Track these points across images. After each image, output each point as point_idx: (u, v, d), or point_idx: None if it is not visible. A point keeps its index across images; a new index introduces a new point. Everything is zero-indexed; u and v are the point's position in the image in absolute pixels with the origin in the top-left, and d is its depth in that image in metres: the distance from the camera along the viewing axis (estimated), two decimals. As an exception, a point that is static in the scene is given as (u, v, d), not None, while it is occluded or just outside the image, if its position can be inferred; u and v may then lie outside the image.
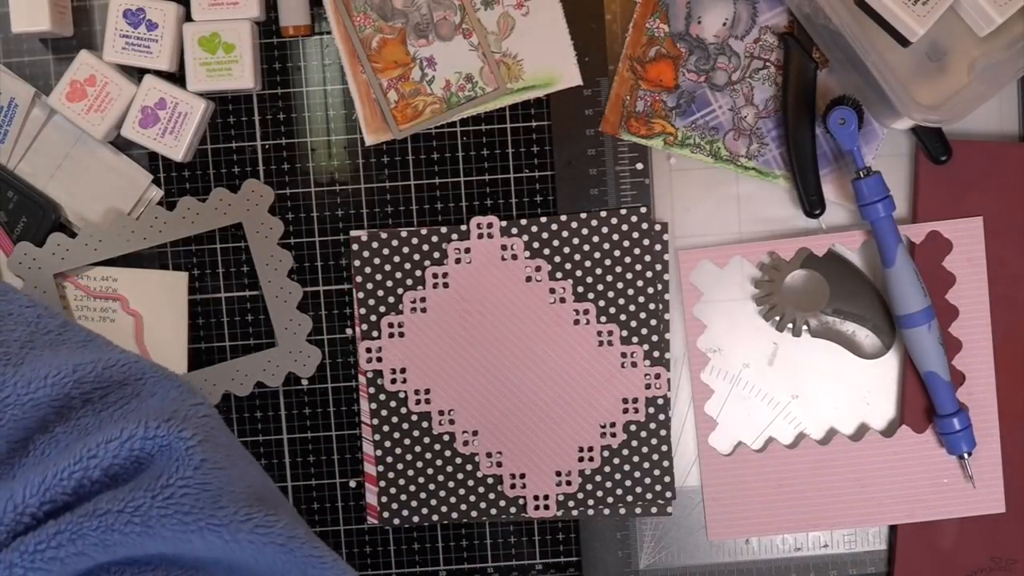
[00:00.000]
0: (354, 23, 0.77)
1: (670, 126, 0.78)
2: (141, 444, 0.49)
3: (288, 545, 0.50)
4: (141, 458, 0.49)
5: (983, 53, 0.70)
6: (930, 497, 0.78)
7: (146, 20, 0.74)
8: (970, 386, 0.78)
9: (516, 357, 0.78)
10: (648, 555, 0.80)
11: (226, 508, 0.49)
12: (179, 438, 0.49)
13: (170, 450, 0.49)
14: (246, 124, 0.78)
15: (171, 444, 0.49)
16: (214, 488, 0.50)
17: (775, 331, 0.78)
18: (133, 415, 0.51)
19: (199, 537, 0.49)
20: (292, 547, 0.50)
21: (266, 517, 0.50)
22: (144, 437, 0.49)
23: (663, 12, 0.77)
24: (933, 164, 0.76)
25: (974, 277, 0.77)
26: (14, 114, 0.76)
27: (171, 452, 0.49)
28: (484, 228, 0.78)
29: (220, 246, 0.78)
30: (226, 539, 0.49)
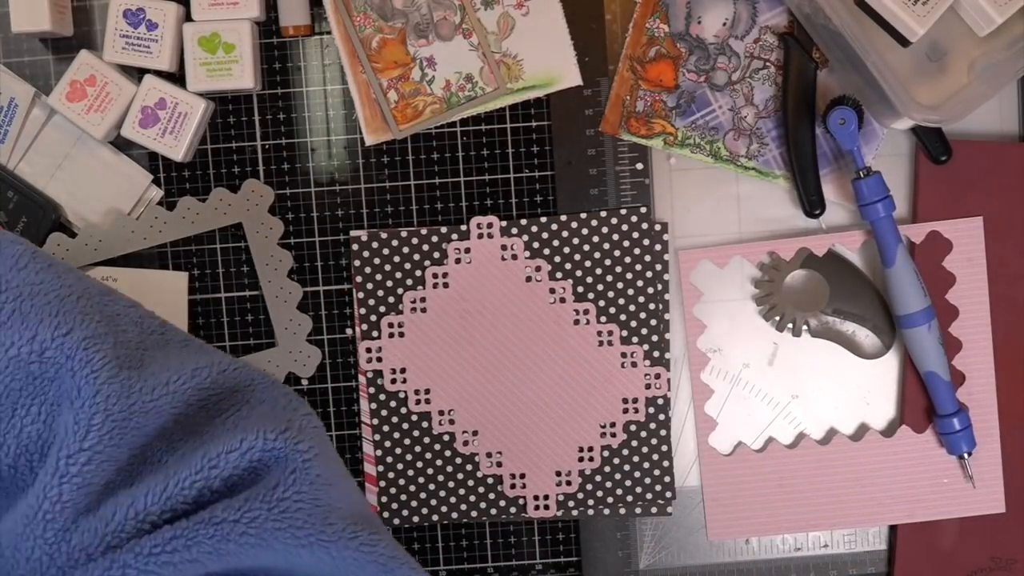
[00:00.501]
0: (354, 23, 0.77)
1: (670, 126, 0.78)
2: (260, 455, 0.49)
3: (389, 565, 0.51)
4: (258, 468, 0.50)
5: (983, 53, 0.70)
6: (930, 497, 0.78)
7: (146, 20, 0.74)
8: (970, 386, 0.78)
9: (516, 357, 0.78)
10: (648, 555, 0.80)
11: (335, 525, 0.50)
12: (295, 450, 0.50)
13: (286, 461, 0.50)
14: (246, 124, 0.78)
15: (287, 455, 0.50)
16: (325, 504, 0.50)
17: (775, 331, 0.78)
18: (248, 424, 0.51)
19: (308, 552, 0.49)
20: (392, 567, 0.51)
21: (370, 536, 0.51)
22: (263, 449, 0.49)
23: (663, 12, 0.77)
24: (933, 164, 0.76)
25: (974, 277, 0.77)
26: (14, 114, 0.76)
27: (286, 463, 0.50)
28: (484, 228, 0.78)
29: (220, 246, 0.78)
30: (333, 555, 0.49)
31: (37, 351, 0.49)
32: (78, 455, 0.47)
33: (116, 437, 0.48)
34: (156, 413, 0.50)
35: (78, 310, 0.50)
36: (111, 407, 0.48)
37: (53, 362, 0.49)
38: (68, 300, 0.51)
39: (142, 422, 0.49)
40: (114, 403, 0.48)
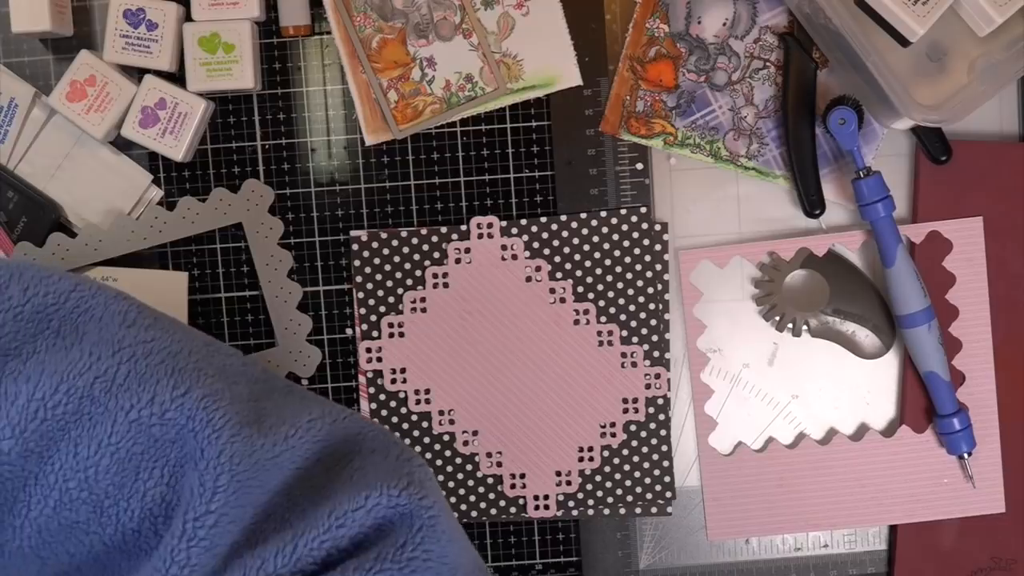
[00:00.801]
0: (354, 23, 0.77)
1: (670, 126, 0.78)
2: (384, 512, 0.49)
3: None
4: (383, 525, 0.49)
5: (983, 53, 0.70)
6: (930, 497, 0.78)
7: (146, 20, 0.74)
8: (970, 386, 0.78)
9: (516, 357, 0.78)
10: (648, 555, 0.80)
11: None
12: (420, 506, 0.49)
13: (411, 518, 0.49)
14: (246, 124, 0.78)
15: (412, 511, 0.49)
16: (451, 562, 0.49)
17: (775, 331, 0.78)
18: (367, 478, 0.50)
19: None
20: None
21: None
22: (388, 506, 0.49)
23: (663, 12, 0.77)
24: (933, 164, 0.76)
25: (974, 277, 0.77)
26: (14, 114, 0.76)
27: (412, 520, 0.49)
28: (484, 228, 0.78)
29: (220, 246, 0.78)
30: None
31: (158, 413, 0.48)
32: (205, 517, 0.47)
33: (242, 497, 0.47)
34: (278, 469, 0.49)
35: (192, 367, 0.50)
36: (235, 467, 0.47)
37: (174, 423, 0.48)
38: (181, 356, 0.50)
39: (265, 479, 0.49)
40: (238, 462, 0.47)
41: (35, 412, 0.47)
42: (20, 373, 0.48)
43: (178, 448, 0.48)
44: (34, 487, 0.48)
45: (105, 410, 0.48)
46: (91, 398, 0.48)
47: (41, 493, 0.48)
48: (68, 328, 0.50)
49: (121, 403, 0.48)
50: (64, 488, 0.48)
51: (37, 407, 0.47)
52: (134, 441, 0.48)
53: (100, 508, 0.48)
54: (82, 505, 0.48)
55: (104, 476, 0.48)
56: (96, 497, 0.48)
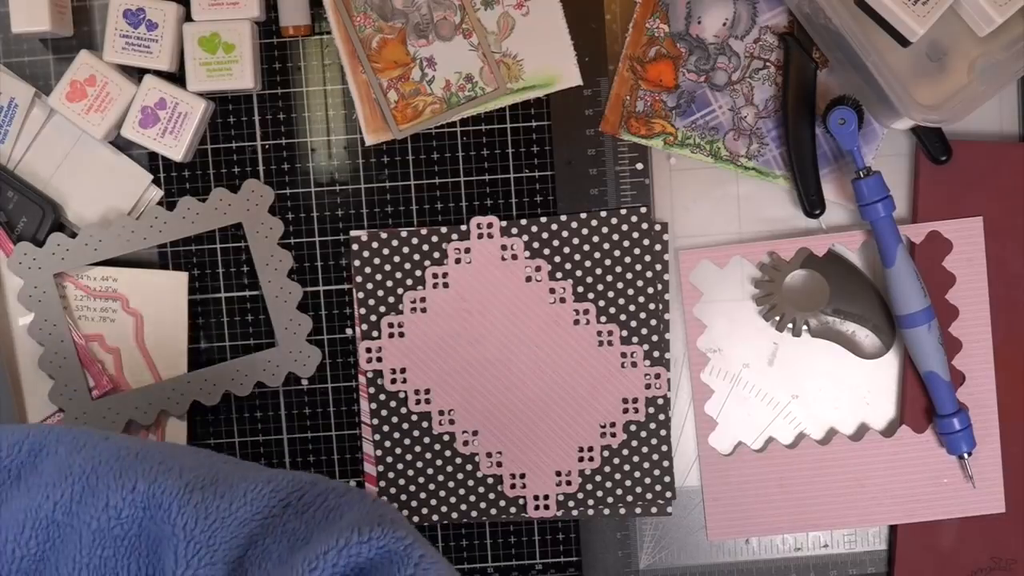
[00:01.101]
0: (354, 23, 0.77)
1: (670, 126, 0.78)
2: (358, 549, 0.50)
3: None
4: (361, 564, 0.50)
5: (983, 53, 0.70)
6: (930, 497, 0.78)
7: (146, 20, 0.74)
8: (970, 386, 0.78)
9: (516, 357, 0.78)
10: (648, 555, 0.80)
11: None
12: (395, 538, 0.50)
13: (389, 553, 0.50)
14: (246, 124, 0.78)
15: (388, 546, 0.50)
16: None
17: (775, 331, 0.78)
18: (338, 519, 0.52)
19: None
20: None
21: None
22: (360, 542, 0.50)
23: (663, 12, 0.77)
24: (933, 164, 0.76)
25: (974, 277, 0.77)
26: (14, 114, 0.76)
27: (390, 555, 0.50)
28: (484, 228, 0.78)
29: (220, 246, 0.78)
30: None
31: (115, 516, 0.52)
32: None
33: (206, 556, 0.50)
34: (240, 523, 0.52)
35: (138, 463, 0.54)
36: (191, 532, 0.51)
37: (132, 519, 0.52)
38: (127, 459, 0.54)
39: (228, 535, 0.51)
40: (192, 527, 0.51)
41: (12, 553, 0.52)
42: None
43: (145, 538, 0.52)
44: None
45: (71, 529, 0.52)
46: (56, 524, 0.53)
47: None
48: (27, 470, 0.55)
49: (83, 519, 0.52)
50: None
51: (12, 548, 0.52)
52: (102, 547, 0.52)
53: None
54: None
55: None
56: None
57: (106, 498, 0.52)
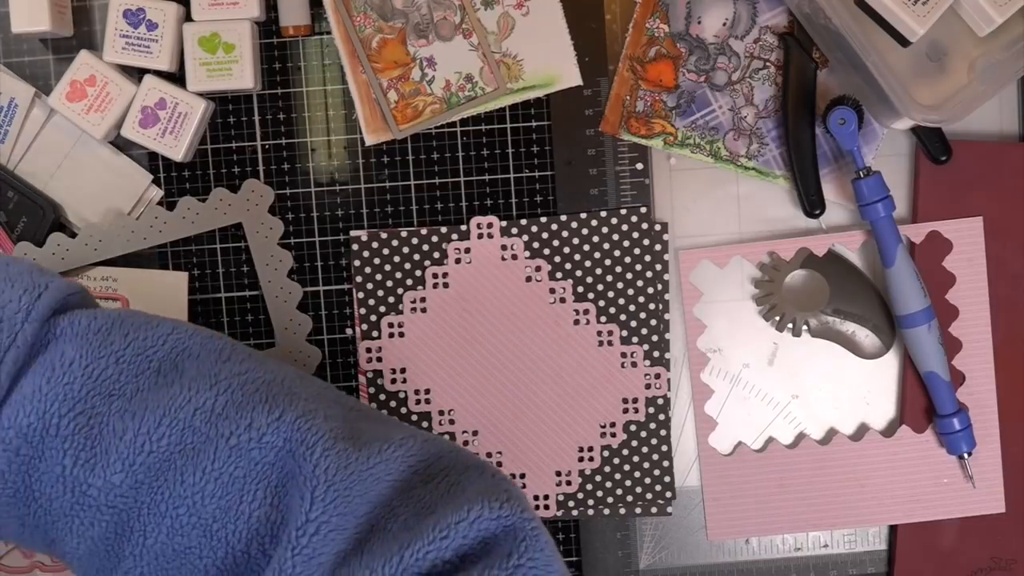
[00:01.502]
0: (354, 23, 0.77)
1: (670, 126, 0.78)
2: (487, 524, 0.50)
3: None
4: (487, 538, 0.51)
5: (983, 53, 0.70)
6: (930, 497, 0.78)
7: (146, 20, 0.74)
8: (970, 386, 0.78)
9: (516, 357, 0.78)
10: (648, 555, 0.80)
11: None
12: (522, 519, 0.51)
13: (515, 531, 0.51)
14: (246, 124, 0.78)
15: (515, 524, 0.51)
16: (557, 570, 0.51)
17: (775, 331, 0.78)
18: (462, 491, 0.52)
19: None
20: None
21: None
22: (490, 518, 0.50)
23: (663, 12, 0.77)
24: (933, 164, 0.76)
25: (974, 277, 0.77)
26: (14, 114, 0.76)
27: (515, 533, 0.51)
28: (484, 228, 0.78)
29: (220, 246, 0.78)
30: None
31: (256, 437, 0.51)
32: (306, 526, 0.49)
33: (341, 506, 0.50)
34: (374, 480, 0.52)
35: (285, 393, 0.53)
36: (331, 478, 0.50)
37: (271, 446, 0.51)
38: (275, 384, 0.54)
39: (362, 490, 0.51)
40: (333, 473, 0.50)
41: (142, 446, 0.51)
42: (126, 411, 0.51)
43: (278, 469, 0.51)
44: (148, 516, 0.51)
45: (207, 439, 0.51)
46: (193, 429, 0.51)
47: (154, 521, 0.51)
48: (168, 366, 0.54)
49: (221, 431, 0.51)
50: (175, 515, 0.51)
51: (143, 441, 0.51)
52: (235, 465, 0.51)
53: (209, 532, 0.51)
54: (192, 530, 0.51)
55: (210, 501, 0.51)
56: (204, 522, 0.51)
57: (251, 418, 0.51)
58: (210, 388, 0.52)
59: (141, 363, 0.53)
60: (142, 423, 0.51)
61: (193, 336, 0.56)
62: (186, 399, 0.52)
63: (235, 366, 0.54)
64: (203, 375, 0.53)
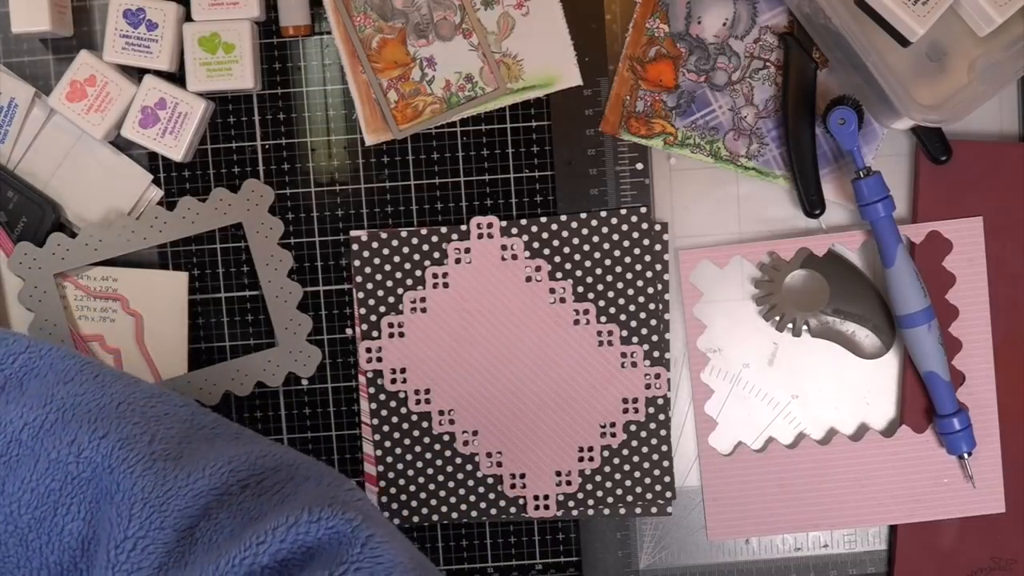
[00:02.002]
0: (354, 23, 0.77)
1: (670, 126, 0.78)
2: (307, 528, 0.51)
3: None
4: (309, 544, 0.51)
5: (983, 53, 0.70)
6: (930, 497, 0.78)
7: (146, 20, 0.74)
8: (970, 386, 0.78)
9: (516, 357, 0.78)
10: (648, 555, 0.80)
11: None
12: (343, 519, 0.51)
13: (338, 534, 0.51)
14: (246, 124, 0.78)
15: (337, 527, 0.51)
16: (386, 561, 0.51)
17: (775, 331, 0.78)
18: (294, 500, 0.53)
19: None
20: None
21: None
22: (309, 521, 0.51)
23: (663, 12, 0.77)
24: (933, 164, 0.76)
25: (974, 277, 0.77)
26: (14, 114, 0.76)
27: (339, 536, 0.51)
28: (484, 228, 0.78)
29: (220, 246, 0.78)
30: None
31: (75, 453, 0.53)
32: (124, 543, 0.51)
33: (157, 521, 0.52)
34: (194, 495, 0.53)
35: (116, 416, 0.55)
36: (148, 495, 0.52)
37: (90, 462, 0.53)
38: (108, 408, 0.56)
39: (181, 504, 0.52)
40: (151, 490, 0.52)
41: None
42: None
43: (94, 486, 0.53)
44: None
45: (30, 452, 0.54)
46: (19, 443, 0.54)
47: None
48: (12, 384, 0.57)
49: (44, 445, 0.54)
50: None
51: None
52: (52, 478, 0.53)
53: (25, 542, 0.53)
54: (9, 538, 0.53)
55: (26, 511, 0.53)
56: (21, 531, 0.53)
57: (74, 435, 0.53)
58: (43, 406, 0.55)
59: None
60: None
61: (45, 356, 0.58)
62: (18, 415, 0.54)
63: (75, 387, 0.56)
64: (41, 394, 0.55)
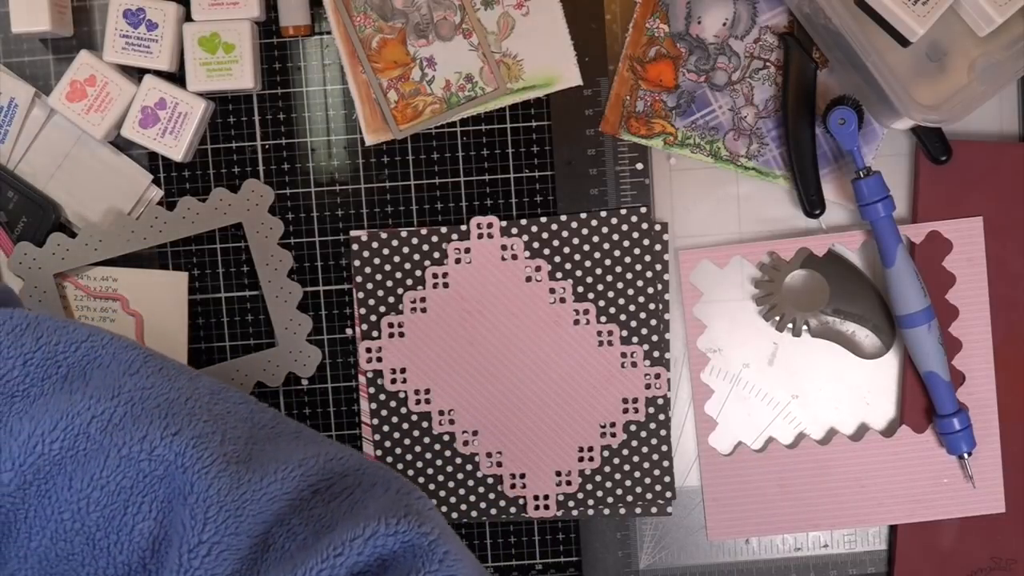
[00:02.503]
0: (354, 23, 0.77)
1: (670, 126, 0.78)
2: (383, 541, 0.50)
3: None
4: (384, 556, 0.50)
5: (983, 53, 0.70)
6: (930, 497, 0.78)
7: (146, 20, 0.74)
8: (970, 386, 0.78)
9: (516, 357, 0.78)
10: (648, 555, 0.80)
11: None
12: (419, 533, 0.51)
13: (413, 547, 0.50)
14: (246, 124, 0.78)
15: (413, 540, 0.51)
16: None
17: (775, 331, 0.78)
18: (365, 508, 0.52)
19: None
20: None
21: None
22: (386, 534, 0.50)
23: (663, 12, 0.77)
24: (933, 164, 0.76)
25: (974, 277, 0.77)
26: (14, 114, 0.76)
27: (414, 549, 0.50)
28: (484, 228, 0.78)
29: (220, 246, 0.78)
30: None
31: (147, 450, 0.52)
32: (198, 548, 0.50)
33: (232, 526, 0.50)
34: (268, 500, 0.52)
35: (186, 411, 0.54)
36: (223, 498, 0.51)
37: (162, 460, 0.52)
38: (177, 402, 0.54)
39: (256, 509, 0.51)
40: (226, 494, 0.51)
41: (34, 447, 0.51)
42: (25, 412, 0.52)
43: (166, 485, 0.52)
44: (34, 518, 0.51)
45: (99, 447, 0.52)
46: (87, 436, 0.52)
47: (39, 524, 0.51)
48: (76, 374, 0.54)
49: (115, 441, 0.52)
50: (59, 519, 0.51)
51: (36, 443, 0.51)
52: (123, 475, 0.52)
53: (92, 540, 0.51)
54: (76, 536, 0.51)
55: (95, 509, 0.51)
56: (88, 529, 0.51)
57: (146, 431, 0.52)
58: (111, 399, 0.53)
59: (49, 367, 0.54)
60: (38, 425, 0.51)
61: (107, 345, 0.56)
62: (86, 407, 0.52)
63: (141, 380, 0.55)
64: (107, 385, 0.54)
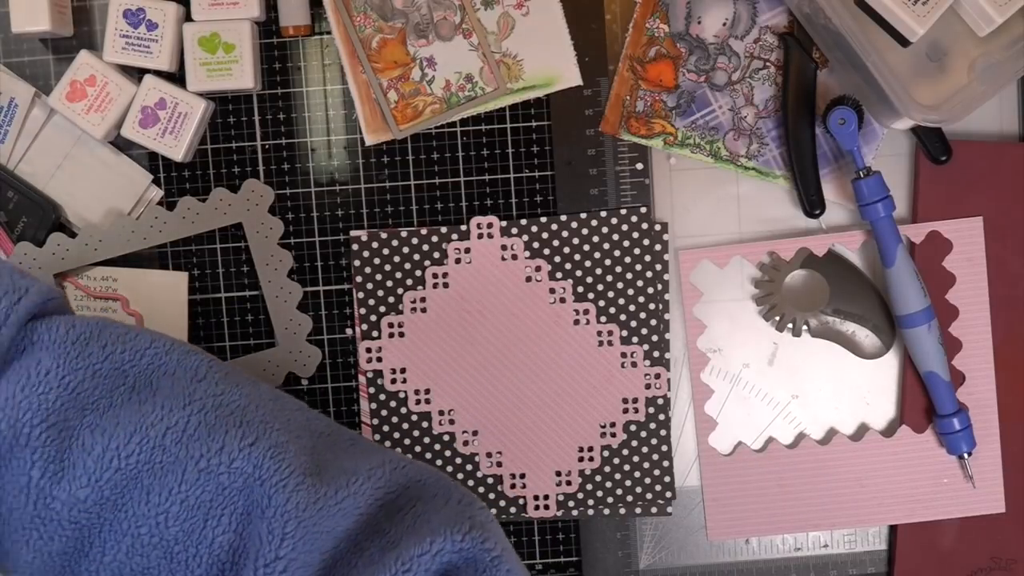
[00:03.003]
0: (354, 23, 0.77)
1: (670, 126, 0.78)
2: (449, 557, 0.50)
3: None
4: (448, 569, 0.50)
5: (983, 53, 0.70)
6: (930, 497, 0.78)
7: (146, 20, 0.74)
8: (970, 386, 0.78)
9: (516, 357, 0.78)
10: (648, 555, 0.80)
11: None
12: (483, 549, 0.51)
13: (475, 562, 0.50)
14: (246, 124, 0.78)
15: (476, 556, 0.50)
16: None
17: (775, 331, 0.78)
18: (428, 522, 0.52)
19: None
20: None
21: None
22: (452, 550, 0.50)
23: (663, 12, 0.77)
24: (933, 164, 0.76)
25: (974, 277, 0.77)
26: (14, 114, 0.76)
27: (476, 564, 0.50)
28: (484, 228, 0.78)
29: (220, 246, 0.78)
30: None
31: (226, 462, 0.50)
32: (275, 563, 0.49)
33: (309, 543, 0.50)
34: (342, 515, 0.51)
35: (260, 419, 0.53)
36: (301, 514, 0.50)
37: (241, 472, 0.50)
38: (249, 409, 0.53)
39: (330, 526, 0.50)
40: (304, 509, 0.50)
41: (110, 462, 0.50)
42: (97, 426, 0.50)
43: (244, 496, 0.51)
44: (108, 533, 0.50)
45: (176, 459, 0.50)
46: (163, 448, 0.50)
47: (115, 539, 0.50)
48: (143, 383, 0.53)
49: (191, 452, 0.50)
50: (136, 534, 0.50)
51: (112, 457, 0.50)
52: (203, 489, 0.50)
53: (170, 554, 0.50)
54: (153, 551, 0.50)
55: (174, 523, 0.50)
56: (166, 543, 0.50)
57: (223, 442, 0.51)
58: (183, 408, 0.52)
59: (117, 378, 0.53)
60: (112, 439, 0.50)
61: (170, 352, 0.55)
62: (158, 417, 0.51)
63: (210, 387, 0.53)
64: (177, 394, 0.52)
